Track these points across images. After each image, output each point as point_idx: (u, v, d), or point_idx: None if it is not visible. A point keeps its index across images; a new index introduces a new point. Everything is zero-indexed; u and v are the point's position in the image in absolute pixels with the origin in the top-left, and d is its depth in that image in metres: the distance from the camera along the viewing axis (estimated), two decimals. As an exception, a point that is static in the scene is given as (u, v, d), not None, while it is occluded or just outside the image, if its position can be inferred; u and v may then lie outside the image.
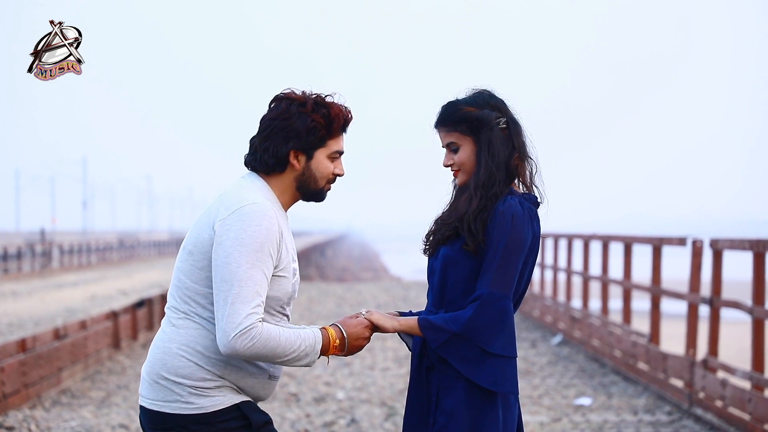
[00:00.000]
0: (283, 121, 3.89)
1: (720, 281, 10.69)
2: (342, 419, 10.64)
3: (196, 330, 3.81)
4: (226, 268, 3.70)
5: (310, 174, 3.94)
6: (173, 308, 3.87)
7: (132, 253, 64.79)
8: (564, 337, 17.43)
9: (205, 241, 3.80)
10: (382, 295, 28.21)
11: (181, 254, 3.89)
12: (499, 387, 3.88)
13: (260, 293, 3.71)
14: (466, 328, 3.88)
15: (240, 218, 3.74)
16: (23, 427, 10.11)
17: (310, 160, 3.93)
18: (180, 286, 3.86)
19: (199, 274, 3.81)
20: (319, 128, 3.90)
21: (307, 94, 3.95)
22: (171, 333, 3.85)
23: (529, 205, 4.00)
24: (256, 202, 3.78)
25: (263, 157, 3.91)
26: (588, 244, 17.02)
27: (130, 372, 14.12)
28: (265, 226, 3.75)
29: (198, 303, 3.82)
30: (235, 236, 3.71)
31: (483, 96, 4.08)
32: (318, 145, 3.92)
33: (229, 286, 3.68)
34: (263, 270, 3.73)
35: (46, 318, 20.62)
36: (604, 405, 11.48)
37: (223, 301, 3.69)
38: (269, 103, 3.98)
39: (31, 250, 45.63)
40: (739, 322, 19.29)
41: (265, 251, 3.74)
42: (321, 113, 3.91)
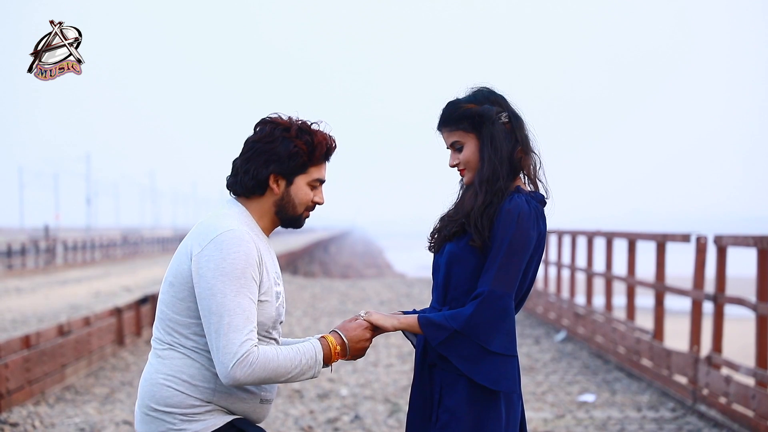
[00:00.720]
0: (266, 144, 3.89)
1: (724, 278, 10.68)
2: (346, 416, 10.64)
3: (180, 360, 3.82)
4: (212, 299, 3.70)
5: (289, 200, 3.94)
6: (158, 340, 3.88)
7: (135, 249, 64.84)
8: (568, 334, 17.42)
9: (184, 272, 3.81)
10: (385, 291, 28.21)
11: (163, 286, 3.90)
12: (499, 386, 3.88)
13: (250, 319, 3.71)
14: (466, 326, 3.87)
15: (218, 247, 3.73)
16: (27, 424, 10.12)
17: (289, 186, 3.92)
18: (163, 317, 3.87)
19: (180, 305, 3.82)
20: (301, 154, 3.89)
21: (293, 119, 3.95)
22: (157, 365, 3.85)
23: (536, 203, 3.99)
24: (232, 228, 3.78)
25: (244, 179, 3.91)
26: (592, 240, 17.00)
27: (133, 368, 14.13)
28: (243, 251, 3.74)
29: (181, 333, 3.82)
30: (216, 266, 3.71)
31: (482, 92, 4.08)
32: (299, 171, 3.92)
33: (219, 318, 3.68)
34: (249, 296, 3.73)
35: (50, 314, 20.63)
36: (607, 401, 11.47)
37: (216, 333, 3.69)
38: (254, 126, 3.99)
39: (35, 246, 45.69)
40: (743, 319, 19.28)
41: (248, 276, 3.74)
42: (304, 139, 3.90)
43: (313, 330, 18.33)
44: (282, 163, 3.88)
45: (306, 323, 19.36)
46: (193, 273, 3.76)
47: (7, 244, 42.06)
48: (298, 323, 19.27)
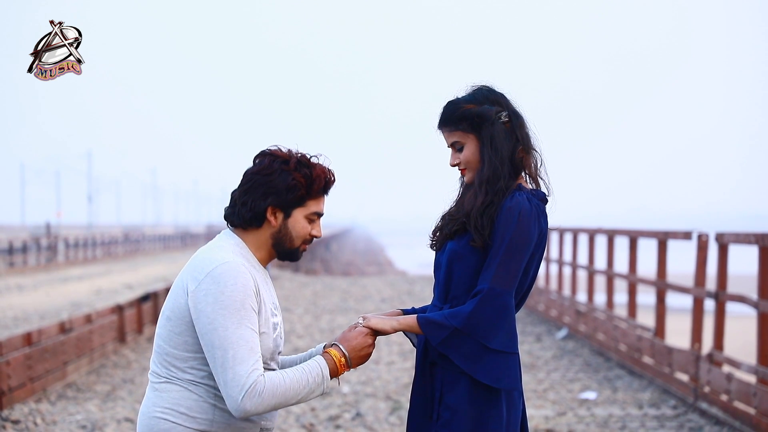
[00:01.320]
0: (265, 176, 3.88)
1: (725, 275, 10.68)
2: (347, 413, 10.64)
3: (178, 392, 3.82)
4: (215, 334, 3.70)
5: (286, 232, 3.93)
6: (155, 374, 3.89)
7: (137, 247, 64.87)
8: (569, 331, 17.42)
9: (181, 306, 3.82)
10: (386, 289, 28.22)
11: (160, 320, 3.90)
12: (500, 383, 3.87)
13: (255, 349, 3.72)
14: (466, 324, 3.87)
15: (214, 280, 3.74)
16: (29, 421, 10.13)
17: (287, 219, 3.92)
18: (160, 351, 3.87)
19: (178, 339, 3.82)
20: (300, 187, 3.89)
21: (292, 152, 3.95)
22: (154, 398, 3.86)
23: (537, 201, 3.98)
24: (227, 260, 3.78)
25: (241, 210, 3.91)
26: (593, 237, 17.01)
27: (135, 366, 14.14)
28: (240, 282, 3.74)
29: (178, 368, 3.83)
30: (214, 300, 3.72)
31: (482, 92, 4.07)
32: (297, 204, 3.91)
33: (224, 352, 3.69)
34: (250, 326, 3.73)
35: (52, 312, 20.65)
36: (609, 399, 11.47)
37: (221, 368, 3.70)
38: (254, 158, 3.99)
39: (36, 243, 45.72)
40: (744, 316, 19.29)
41: (247, 307, 3.74)
42: (303, 172, 3.90)
43: (314, 327, 18.34)
44: (280, 195, 3.88)
45: (307, 320, 19.37)
46: (191, 308, 3.77)
47: (8, 242, 42.09)
48: (300, 320, 19.27)
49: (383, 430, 9.89)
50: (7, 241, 42.59)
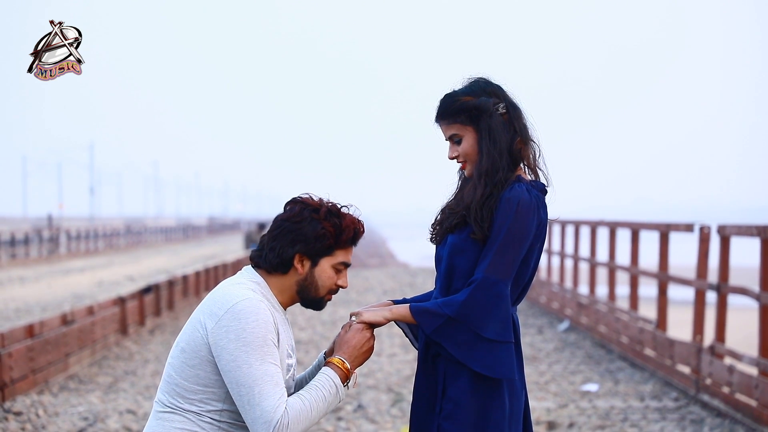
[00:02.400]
0: (294, 223, 3.90)
1: (727, 267, 10.67)
2: (349, 405, 10.65)
3: (180, 423, 3.83)
4: (239, 371, 3.72)
5: (312, 281, 3.94)
6: (160, 402, 3.90)
7: (139, 239, 64.92)
8: (571, 324, 17.42)
9: (197, 340, 3.82)
10: (388, 281, 28.23)
11: (174, 350, 3.91)
12: (492, 372, 3.87)
13: (279, 383, 3.74)
14: (459, 312, 3.87)
15: (235, 317, 3.75)
16: (31, 412, 10.14)
17: (314, 267, 3.93)
18: (170, 381, 3.88)
19: (190, 371, 3.83)
20: (328, 236, 3.90)
21: (323, 201, 3.97)
22: (156, 427, 3.87)
23: (536, 192, 3.98)
24: (248, 297, 3.79)
25: (269, 255, 3.92)
26: (595, 230, 17.01)
27: (137, 358, 14.15)
28: (261, 319, 3.75)
29: (185, 399, 3.84)
30: (236, 337, 3.73)
31: (479, 84, 4.06)
32: (324, 254, 3.92)
33: (249, 390, 3.71)
34: (273, 362, 3.75)
35: (54, 303, 20.67)
36: (610, 391, 11.48)
37: (248, 405, 3.71)
38: (284, 204, 4.01)
39: (38, 235, 45.74)
40: (746, 309, 19.28)
41: (269, 343, 3.76)
42: (332, 222, 3.91)
43: (316, 319, 18.34)
44: (308, 243, 3.89)
45: (309, 312, 19.38)
46: (211, 345, 3.78)
47: (10, 234, 42.11)
48: (302, 312, 19.28)
49: (385, 422, 9.90)
50: (9, 233, 42.61)
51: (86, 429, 9.51)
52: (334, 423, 9.82)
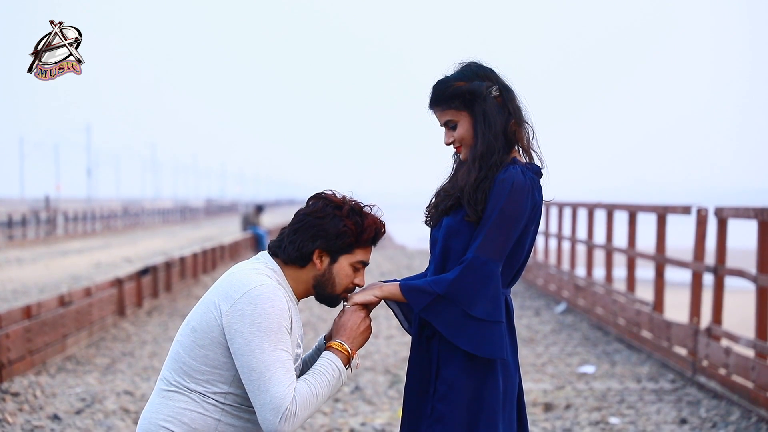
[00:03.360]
0: (316, 219, 3.93)
1: (724, 249, 10.68)
2: (346, 387, 10.66)
3: (185, 403, 3.84)
4: (252, 356, 3.73)
5: (330, 277, 3.97)
6: (165, 379, 3.90)
7: (136, 220, 64.91)
8: (568, 306, 17.44)
9: (210, 321, 3.83)
10: (386, 263, 28.24)
11: (184, 329, 3.91)
12: (480, 351, 3.88)
13: (289, 369, 3.76)
14: (449, 290, 3.88)
15: (252, 302, 3.76)
16: (28, 393, 10.15)
17: (333, 264, 3.96)
18: (177, 359, 3.88)
19: (199, 351, 3.84)
20: (349, 234, 3.93)
21: (346, 198, 4.00)
22: (158, 404, 3.88)
23: (531, 174, 3.98)
24: (265, 283, 3.81)
25: (288, 247, 3.94)
26: (593, 212, 17.01)
27: (134, 339, 14.16)
28: (278, 305, 3.78)
29: (192, 378, 3.85)
30: (251, 321, 3.75)
31: (471, 68, 4.06)
32: (344, 251, 3.95)
33: (260, 375, 3.73)
34: (285, 349, 3.78)
35: (51, 285, 20.67)
36: (607, 373, 11.50)
37: (258, 390, 3.73)
38: (308, 199, 4.04)
39: (35, 217, 45.72)
40: (743, 291, 19.30)
41: (283, 330, 3.78)
42: (355, 220, 3.94)
43: (313, 301, 18.32)
44: (329, 240, 3.92)
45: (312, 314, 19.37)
46: (225, 328, 3.79)
47: (7, 215, 42.08)
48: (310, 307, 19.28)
49: (382, 403, 9.92)
50: (6, 215, 42.57)
51: (84, 410, 9.52)
52: (332, 405, 9.83)
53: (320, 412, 9.48)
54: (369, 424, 9.02)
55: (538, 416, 9.37)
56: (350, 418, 9.30)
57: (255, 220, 31.98)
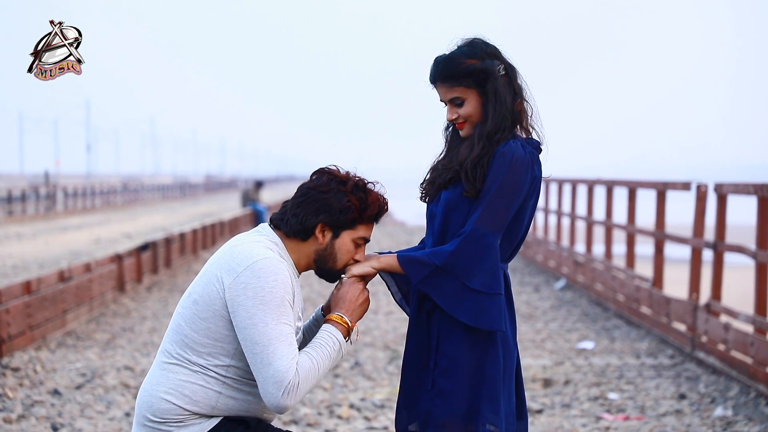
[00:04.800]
0: (320, 193, 3.92)
1: (724, 226, 10.68)
2: (346, 362, 10.69)
3: (186, 375, 3.84)
4: (254, 329, 3.73)
5: (331, 252, 3.96)
6: (166, 352, 3.89)
7: (136, 196, 64.90)
8: (567, 282, 17.46)
9: (212, 293, 3.82)
10: (385, 239, 28.25)
11: (185, 301, 3.90)
12: (478, 322, 3.88)
13: (292, 343, 3.76)
14: (447, 262, 3.88)
15: (255, 275, 3.76)
16: (29, 368, 10.18)
17: (335, 239, 3.95)
18: (178, 331, 3.87)
19: (201, 324, 3.83)
20: (353, 210, 3.92)
21: (350, 174, 3.98)
22: (160, 377, 3.87)
23: (531, 149, 3.99)
24: (268, 256, 3.80)
25: (291, 221, 3.93)
26: (592, 188, 17.00)
27: (134, 315, 14.19)
28: (280, 279, 3.77)
29: (193, 350, 3.84)
30: (254, 294, 3.74)
31: (479, 46, 4.04)
32: (347, 227, 3.94)
33: (263, 347, 3.72)
34: (288, 322, 3.77)
35: (51, 260, 20.68)
36: (606, 349, 11.52)
37: (261, 363, 3.73)
38: (311, 173, 4.03)
39: (35, 192, 45.71)
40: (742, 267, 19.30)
41: (286, 303, 3.78)
42: (358, 196, 3.93)
43: (313, 277, 18.35)
44: (332, 214, 3.91)
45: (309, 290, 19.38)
46: (227, 301, 3.78)
47: (7, 191, 42.08)
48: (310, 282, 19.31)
49: (381, 379, 9.94)
50: (5, 190, 42.57)
51: (84, 385, 9.55)
52: (332, 380, 9.86)
53: (320, 387, 9.50)
54: (368, 399, 9.04)
55: (538, 392, 9.39)
56: (350, 393, 9.33)
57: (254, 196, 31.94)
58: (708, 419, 8.35)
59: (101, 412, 8.62)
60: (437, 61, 4.04)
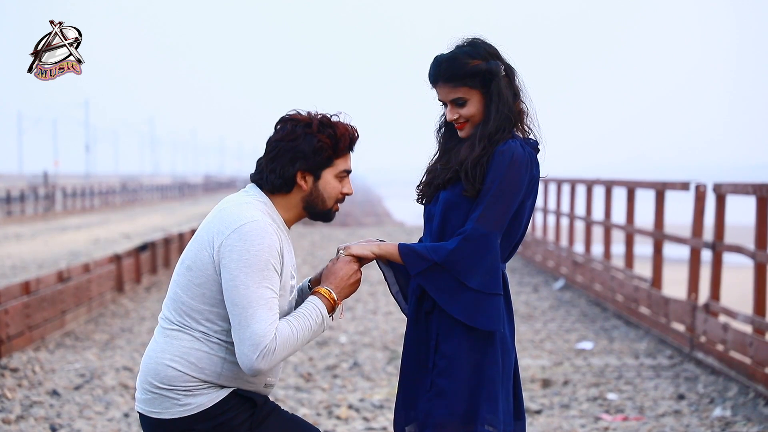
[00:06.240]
0: (289, 142, 3.89)
1: (723, 226, 10.68)
2: (344, 362, 10.69)
3: (189, 342, 3.84)
4: (235, 291, 3.73)
5: (317, 194, 3.95)
6: (167, 319, 3.89)
7: (135, 196, 64.91)
8: (566, 282, 17.46)
9: (204, 259, 3.82)
10: (384, 239, 28.24)
11: (179, 268, 3.90)
12: (473, 321, 3.89)
13: (272, 308, 3.75)
14: (447, 259, 3.88)
15: (241, 238, 3.75)
16: (27, 369, 10.17)
17: (317, 181, 3.94)
18: (175, 299, 3.88)
19: (196, 290, 3.83)
20: (326, 148, 3.90)
21: (312, 114, 3.95)
22: (163, 344, 3.87)
23: (529, 149, 3.99)
24: (255, 219, 3.79)
25: (270, 177, 3.92)
26: (591, 188, 17.00)
27: (133, 315, 14.18)
28: (267, 243, 3.76)
29: (193, 318, 3.84)
30: (239, 257, 3.74)
31: (481, 46, 4.04)
32: (325, 165, 3.93)
33: (242, 309, 3.72)
34: (270, 286, 3.76)
35: (50, 261, 20.68)
36: (605, 349, 11.52)
37: (239, 325, 3.72)
38: (275, 124, 3.99)
39: (34, 192, 45.71)
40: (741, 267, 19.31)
41: (270, 267, 3.76)
42: (327, 133, 3.91)
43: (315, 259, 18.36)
44: (308, 159, 3.90)
45: (305, 271, 19.40)
46: (217, 264, 3.78)
47: (6, 191, 42.08)
48: (298, 271, 19.31)
49: (380, 379, 9.94)
50: (4, 190, 42.57)
51: (83, 385, 9.55)
52: (330, 381, 9.86)
53: (319, 388, 9.50)
54: (367, 399, 9.04)
55: (536, 392, 9.39)
56: (349, 394, 9.33)
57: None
58: (707, 419, 8.35)
59: (100, 412, 8.62)
60: (439, 61, 4.03)
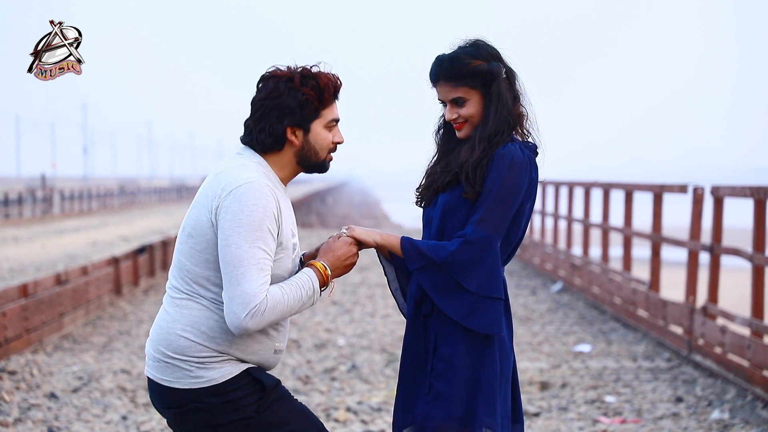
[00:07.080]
0: (274, 99, 3.89)
1: (720, 228, 10.69)
2: (342, 365, 10.69)
3: (200, 311, 3.84)
4: (227, 250, 3.73)
5: (310, 147, 3.95)
6: (174, 288, 3.89)
7: (132, 199, 64.91)
8: (564, 285, 17.47)
9: (203, 223, 3.82)
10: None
11: (181, 236, 3.90)
12: (466, 322, 3.90)
13: (263, 269, 3.74)
14: (447, 260, 3.89)
15: (236, 199, 3.75)
16: (25, 372, 10.17)
17: (307, 134, 3.94)
18: (181, 267, 3.88)
19: (199, 256, 3.84)
20: (311, 101, 3.90)
21: (292, 68, 3.94)
22: (174, 314, 3.87)
23: (528, 152, 4.00)
24: (251, 180, 3.79)
25: (260, 137, 3.92)
26: (589, 191, 17.01)
27: (131, 318, 14.18)
28: (261, 204, 3.76)
29: (200, 285, 3.84)
30: (233, 217, 3.74)
31: (484, 47, 4.05)
32: (313, 118, 3.93)
33: (232, 268, 3.71)
34: (263, 247, 3.75)
35: (48, 263, 20.66)
36: (603, 352, 11.52)
37: (229, 284, 3.72)
38: (257, 83, 3.98)
39: (32, 195, 45.67)
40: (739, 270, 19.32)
41: (264, 228, 3.76)
42: (310, 85, 3.91)
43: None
44: (295, 114, 3.89)
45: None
46: (216, 227, 3.79)
47: (4, 193, 42.05)
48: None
49: (378, 382, 9.94)
50: (2, 193, 42.54)
51: (81, 388, 9.54)
52: (328, 383, 9.86)
53: (317, 390, 9.50)
54: (365, 402, 9.04)
55: (534, 395, 9.39)
56: (347, 396, 9.33)
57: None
58: (705, 422, 8.36)
59: (98, 415, 8.61)
60: (441, 60, 4.04)
